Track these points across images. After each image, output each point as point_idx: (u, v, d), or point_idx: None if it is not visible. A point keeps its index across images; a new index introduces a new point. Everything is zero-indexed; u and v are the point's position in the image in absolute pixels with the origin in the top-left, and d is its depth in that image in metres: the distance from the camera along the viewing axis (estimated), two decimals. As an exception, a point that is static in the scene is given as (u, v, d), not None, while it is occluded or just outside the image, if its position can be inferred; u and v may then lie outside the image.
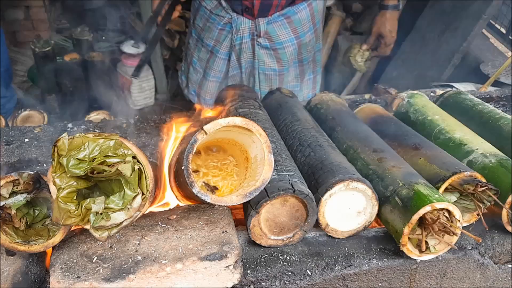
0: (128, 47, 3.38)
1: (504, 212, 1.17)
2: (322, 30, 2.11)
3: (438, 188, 1.14)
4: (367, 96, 1.98)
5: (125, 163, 0.90)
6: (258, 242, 1.09)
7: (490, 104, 1.57)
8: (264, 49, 1.95)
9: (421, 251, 1.09)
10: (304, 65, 2.09)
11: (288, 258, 1.09)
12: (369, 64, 2.24)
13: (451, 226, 1.05)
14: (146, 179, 0.94)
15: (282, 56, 1.98)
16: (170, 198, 1.18)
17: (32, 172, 0.96)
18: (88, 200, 0.90)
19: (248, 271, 1.06)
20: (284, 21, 1.90)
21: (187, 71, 2.20)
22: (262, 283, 1.06)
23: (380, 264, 1.11)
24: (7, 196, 0.94)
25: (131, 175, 0.90)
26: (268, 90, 1.67)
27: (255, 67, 1.99)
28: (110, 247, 0.98)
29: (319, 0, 1.97)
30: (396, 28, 2.04)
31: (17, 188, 0.95)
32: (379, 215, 1.15)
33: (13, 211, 0.93)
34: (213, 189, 1.08)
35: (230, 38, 1.94)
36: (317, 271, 1.09)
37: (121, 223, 0.93)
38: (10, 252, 0.97)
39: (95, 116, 1.96)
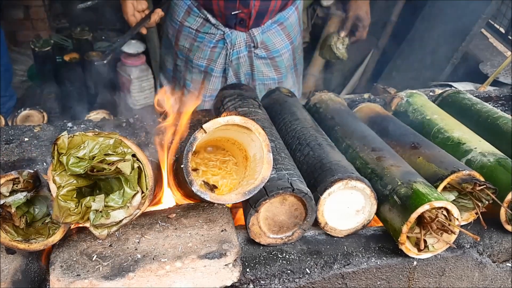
0: (128, 47, 3.39)
1: (503, 211, 1.17)
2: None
3: (436, 187, 1.14)
4: (366, 95, 1.98)
5: (124, 161, 0.90)
6: (257, 240, 1.09)
7: (489, 104, 1.57)
8: (261, 59, 1.91)
9: (419, 250, 1.10)
10: (298, 69, 2.09)
11: (287, 256, 1.10)
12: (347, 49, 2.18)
13: (449, 224, 1.05)
14: (145, 177, 0.95)
15: (279, 64, 1.96)
16: (169, 197, 1.19)
17: (32, 171, 0.97)
18: (88, 198, 0.91)
19: (247, 270, 1.06)
20: (277, 28, 1.88)
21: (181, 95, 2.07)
22: (261, 282, 1.06)
23: (378, 263, 1.11)
24: (7, 194, 0.94)
25: (130, 173, 0.91)
26: None
27: (254, 79, 1.95)
28: (109, 246, 0.98)
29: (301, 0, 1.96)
30: (369, 9, 2.00)
31: (17, 186, 0.95)
32: (377, 213, 1.15)
33: (13, 210, 0.93)
34: (213, 187, 1.08)
35: (224, 55, 1.86)
36: (316, 269, 1.09)
37: (120, 221, 0.94)
38: (10, 251, 0.97)
39: (95, 115, 1.96)
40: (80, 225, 0.98)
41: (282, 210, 1.07)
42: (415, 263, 1.14)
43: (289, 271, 1.08)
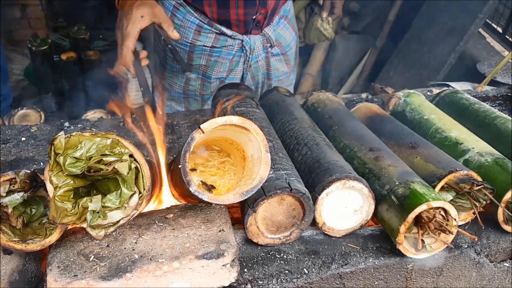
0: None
1: (500, 211, 1.17)
2: None
3: (434, 187, 1.14)
4: (364, 95, 1.98)
5: (122, 161, 0.90)
6: (255, 240, 1.09)
7: (486, 103, 1.57)
8: (275, 57, 1.91)
9: (417, 250, 1.10)
10: (297, 56, 2.09)
11: (285, 256, 1.10)
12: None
13: (447, 224, 1.05)
14: (143, 177, 0.94)
15: (290, 57, 1.96)
16: (167, 197, 1.18)
17: (29, 171, 0.96)
18: (85, 198, 0.90)
19: (245, 270, 1.06)
20: (284, 23, 1.88)
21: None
22: (259, 282, 1.06)
23: (376, 263, 1.12)
24: (4, 194, 0.94)
25: (128, 173, 0.91)
26: None
27: (271, 77, 1.94)
28: (107, 246, 0.98)
29: None
30: None
31: (14, 186, 0.95)
32: (375, 213, 1.15)
33: (10, 210, 0.93)
34: (210, 188, 1.08)
35: (242, 62, 1.84)
36: (314, 269, 1.09)
37: (118, 221, 0.94)
38: (7, 251, 0.97)
39: (92, 114, 1.95)
40: (77, 226, 0.98)
41: (280, 210, 1.07)
42: (412, 263, 1.14)
43: (287, 271, 1.07)
